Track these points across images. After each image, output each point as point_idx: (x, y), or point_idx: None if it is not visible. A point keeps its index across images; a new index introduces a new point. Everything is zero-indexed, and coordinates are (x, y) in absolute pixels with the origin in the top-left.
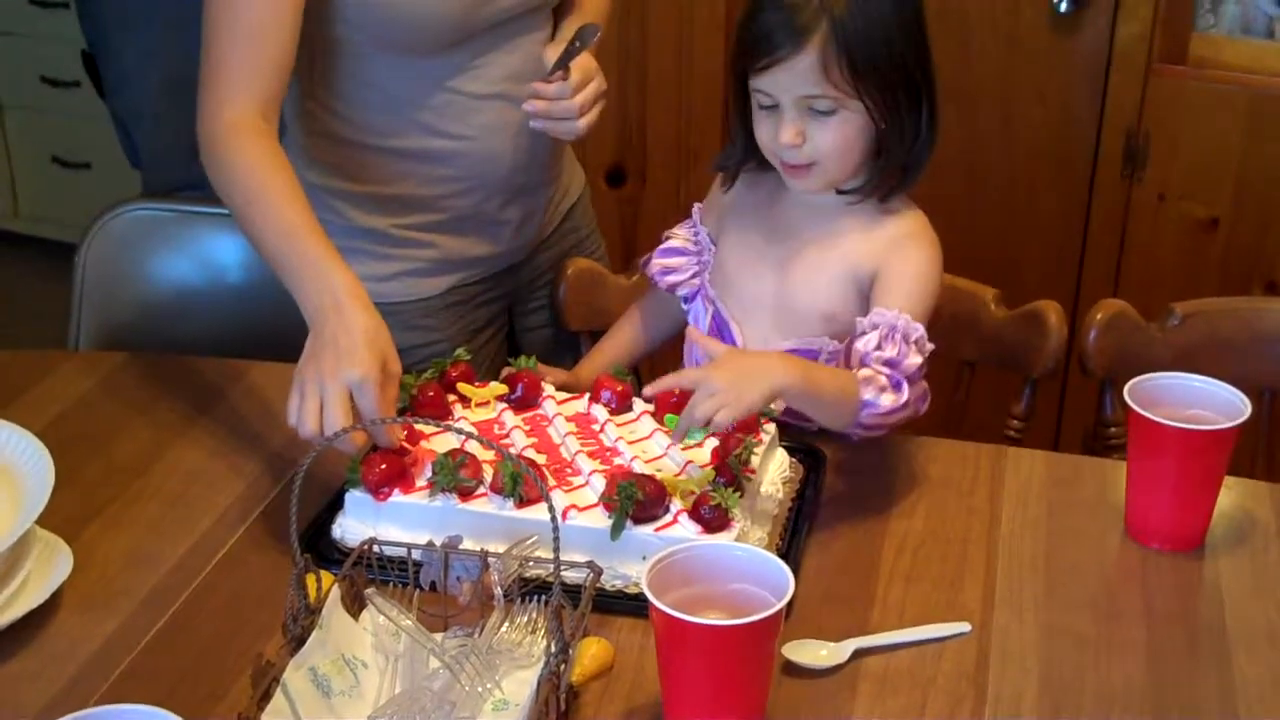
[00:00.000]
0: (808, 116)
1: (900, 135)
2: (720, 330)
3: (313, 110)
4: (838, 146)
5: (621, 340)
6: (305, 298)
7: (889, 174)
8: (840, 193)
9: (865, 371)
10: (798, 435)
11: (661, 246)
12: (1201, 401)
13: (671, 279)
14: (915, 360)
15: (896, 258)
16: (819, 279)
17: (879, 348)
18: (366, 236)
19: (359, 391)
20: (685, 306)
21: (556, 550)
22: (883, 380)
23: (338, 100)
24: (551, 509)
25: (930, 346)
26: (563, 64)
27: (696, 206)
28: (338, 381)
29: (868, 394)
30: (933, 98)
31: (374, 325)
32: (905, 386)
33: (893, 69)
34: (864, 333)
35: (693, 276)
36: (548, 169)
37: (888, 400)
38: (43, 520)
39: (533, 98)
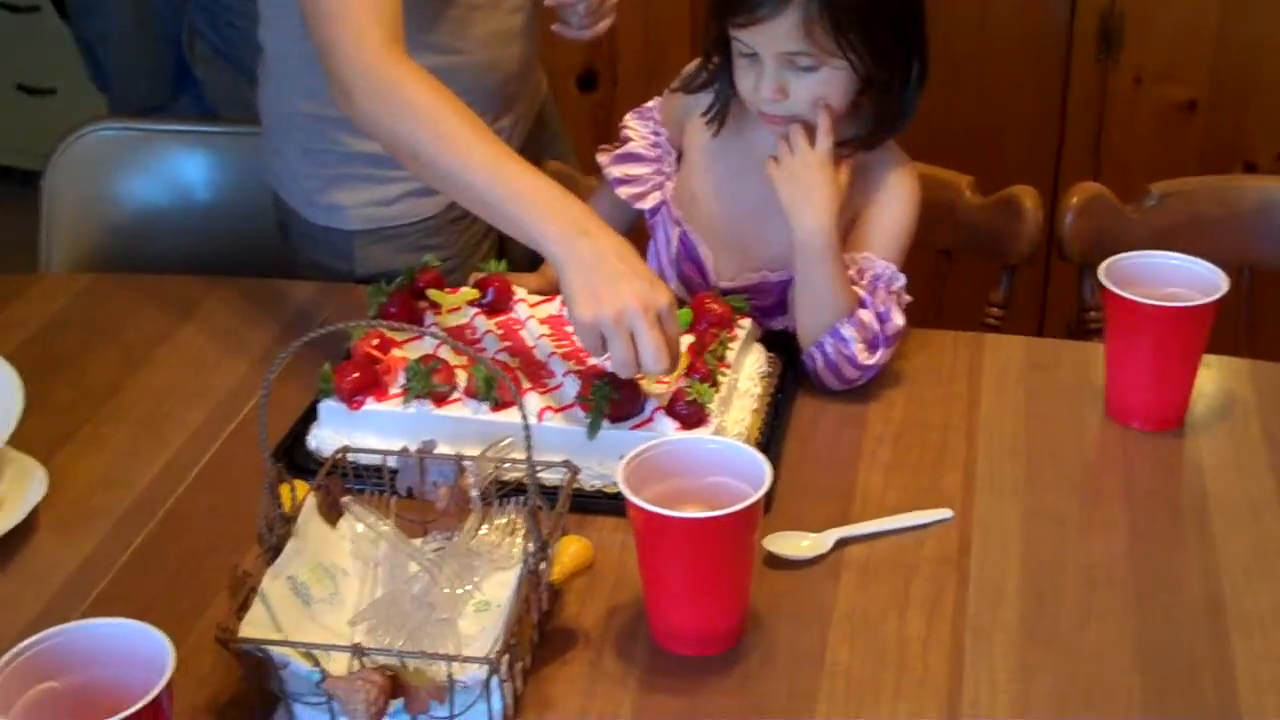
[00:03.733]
0: (789, 71)
1: (887, 87)
2: (690, 255)
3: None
4: (819, 101)
5: None
6: (544, 230)
7: (876, 126)
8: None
9: (864, 313)
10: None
11: (619, 151)
12: (1178, 279)
13: (630, 190)
14: (899, 322)
15: (881, 201)
16: None
17: (869, 297)
18: (367, 162)
19: (667, 317)
20: (649, 220)
21: (529, 450)
22: (872, 329)
23: None
24: (522, 409)
25: (909, 299)
26: None
27: (656, 101)
28: (651, 313)
29: (848, 326)
30: (923, 45)
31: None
32: (880, 351)
33: (880, 22)
34: (852, 279)
35: (653, 189)
36: (531, 75)
37: (862, 353)
38: (17, 443)
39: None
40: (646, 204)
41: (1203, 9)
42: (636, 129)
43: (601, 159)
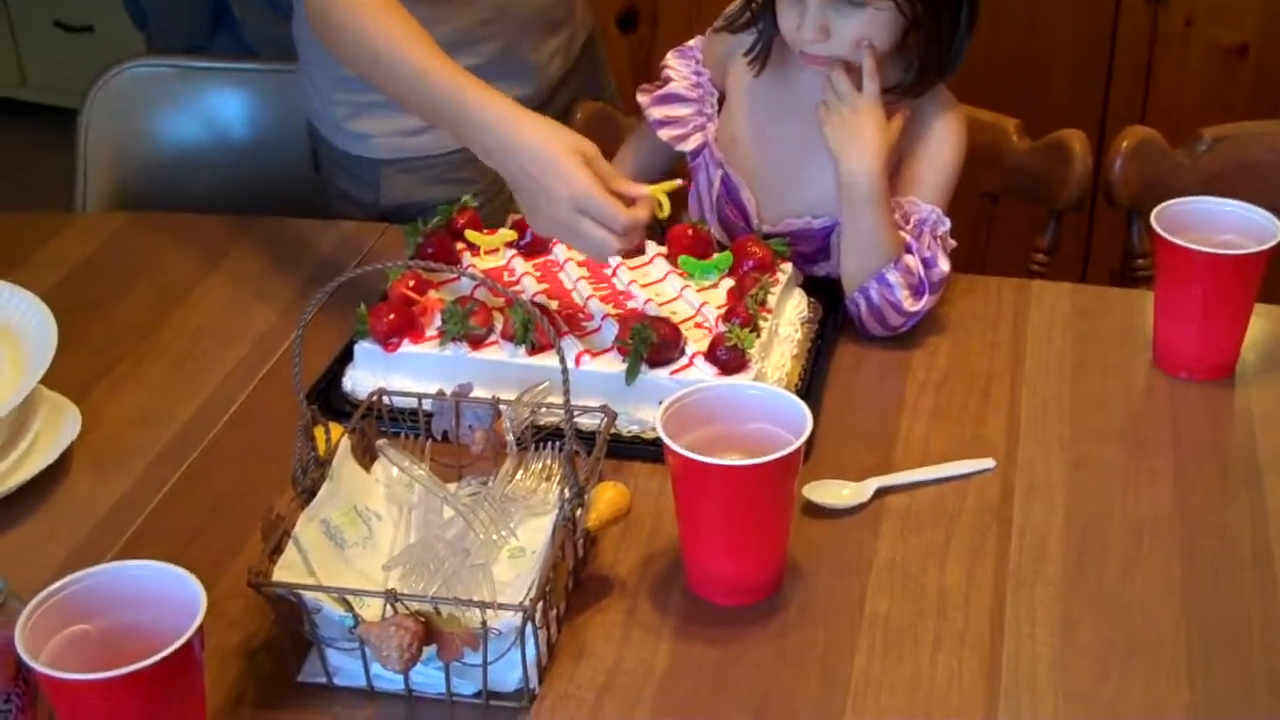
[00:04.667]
0: (832, 9)
1: (936, 31)
2: (732, 199)
3: None
4: (862, 43)
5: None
6: (473, 146)
7: (923, 71)
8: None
9: (909, 258)
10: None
11: (660, 92)
12: (1231, 226)
13: (671, 132)
14: (944, 268)
15: (928, 145)
16: None
17: (914, 242)
18: None
19: (589, 208)
20: (691, 163)
21: (566, 394)
22: (918, 275)
23: None
24: (560, 352)
25: (953, 244)
26: None
27: (698, 40)
28: (574, 215)
29: (894, 272)
30: None
31: (545, 139)
32: (925, 297)
33: None
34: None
35: (695, 130)
36: (568, 3)
37: (907, 299)
38: (50, 382)
39: None
40: (688, 146)
41: None
42: (678, 69)
43: (642, 99)
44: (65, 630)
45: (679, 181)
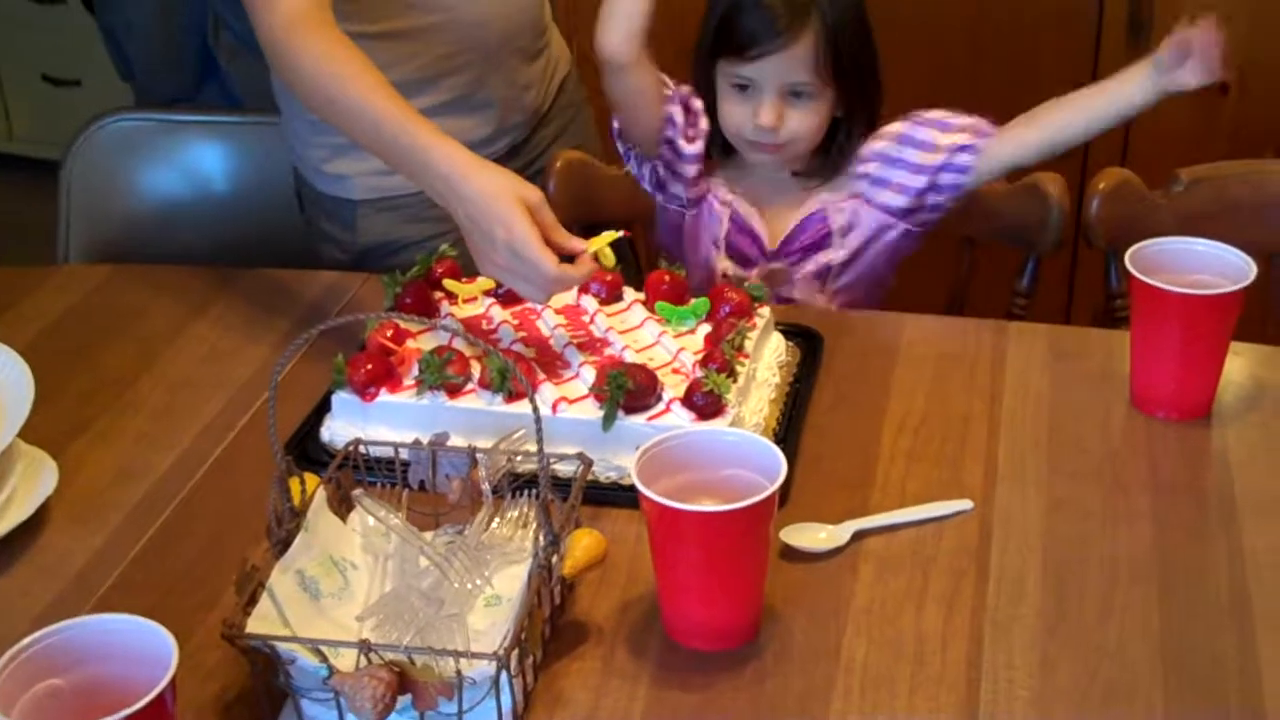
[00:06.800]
0: (784, 102)
1: (857, 120)
2: (742, 227)
3: None
4: (809, 131)
5: None
6: (427, 190)
7: (841, 157)
8: (796, 174)
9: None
10: (795, 316)
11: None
12: (1205, 266)
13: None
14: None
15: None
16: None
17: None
18: None
19: (522, 254)
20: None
21: (540, 442)
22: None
23: None
24: (533, 400)
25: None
26: None
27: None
28: (508, 271)
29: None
30: (881, 84)
31: (491, 186)
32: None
33: (865, 56)
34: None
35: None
36: (536, 37)
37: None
38: (28, 436)
39: None
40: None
41: None
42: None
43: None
44: (38, 684)
45: (620, 232)
